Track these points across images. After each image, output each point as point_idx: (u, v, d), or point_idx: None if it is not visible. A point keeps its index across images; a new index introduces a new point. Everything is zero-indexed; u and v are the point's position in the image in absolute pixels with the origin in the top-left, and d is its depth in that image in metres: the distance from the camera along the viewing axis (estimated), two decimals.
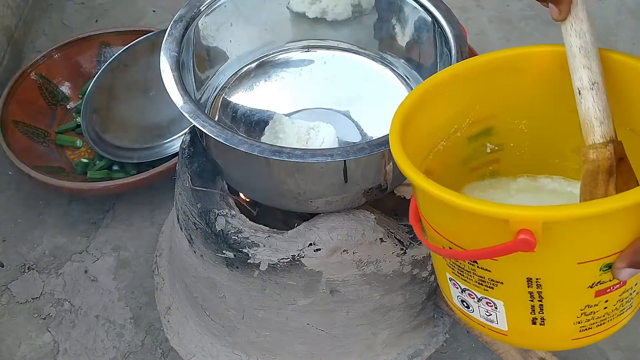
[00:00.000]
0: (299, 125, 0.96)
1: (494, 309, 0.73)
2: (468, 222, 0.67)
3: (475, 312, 0.76)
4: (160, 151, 1.44)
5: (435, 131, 0.81)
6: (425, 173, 0.70)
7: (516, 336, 0.76)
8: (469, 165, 0.87)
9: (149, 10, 1.90)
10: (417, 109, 0.77)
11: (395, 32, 1.03)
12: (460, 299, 0.77)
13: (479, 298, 0.74)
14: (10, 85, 1.47)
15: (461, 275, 0.73)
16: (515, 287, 0.69)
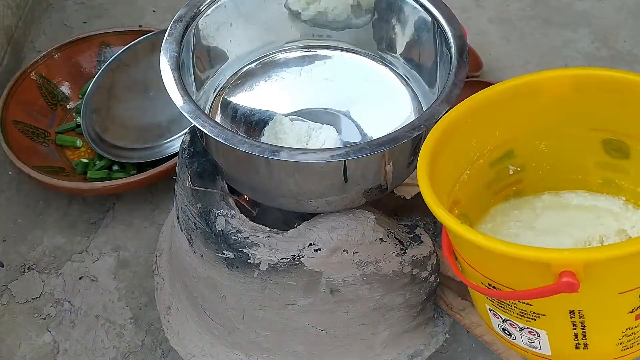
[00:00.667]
0: (299, 127, 0.96)
1: (537, 337, 0.75)
2: (509, 265, 0.68)
3: (517, 339, 0.78)
4: (160, 151, 1.44)
5: (459, 162, 0.84)
6: (453, 204, 0.76)
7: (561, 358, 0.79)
8: (492, 189, 0.89)
9: (149, 10, 1.90)
10: (441, 144, 0.79)
11: (395, 32, 1.03)
12: (502, 327, 0.79)
13: (521, 328, 0.75)
14: (10, 85, 1.47)
15: (502, 308, 0.75)
16: (558, 319, 0.72)
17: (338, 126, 0.99)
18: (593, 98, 0.80)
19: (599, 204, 0.88)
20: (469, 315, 1.06)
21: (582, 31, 1.85)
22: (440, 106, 0.83)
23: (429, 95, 0.99)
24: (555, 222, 0.87)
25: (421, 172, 0.74)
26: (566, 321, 0.72)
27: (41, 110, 1.51)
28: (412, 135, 0.81)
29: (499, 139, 0.86)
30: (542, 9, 1.93)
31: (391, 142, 0.80)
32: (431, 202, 0.71)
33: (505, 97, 0.83)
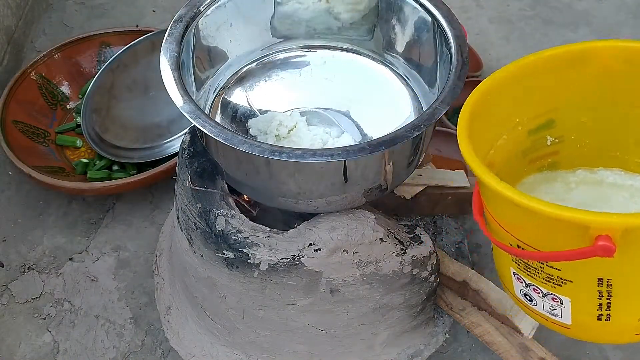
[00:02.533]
0: (315, 133, 0.97)
1: (559, 305, 0.75)
2: (545, 226, 0.67)
3: (538, 305, 0.77)
4: (160, 151, 1.44)
5: (498, 126, 0.83)
6: (487, 166, 0.72)
7: (579, 330, 0.78)
8: (528, 157, 0.89)
9: (149, 10, 1.90)
10: (482, 105, 0.78)
11: (395, 32, 1.03)
12: (524, 292, 0.78)
13: (545, 294, 0.74)
14: (10, 85, 1.47)
15: (527, 271, 0.74)
16: (585, 286, 0.71)
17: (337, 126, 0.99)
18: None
19: (635, 183, 0.85)
20: (469, 315, 1.06)
21: (582, 31, 1.85)
22: (440, 106, 0.83)
23: (429, 95, 0.99)
24: (587, 198, 0.85)
25: (461, 131, 0.74)
26: (593, 289, 0.71)
27: (41, 110, 1.51)
28: (412, 135, 0.80)
29: (540, 107, 0.85)
30: (542, 9, 1.93)
31: (391, 142, 0.80)
32: (471, 161, 0.71)
33: (553, 64, 0.81)
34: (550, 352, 1.00)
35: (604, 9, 1.92)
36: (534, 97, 0.84)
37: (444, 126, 1.51)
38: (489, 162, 0.82)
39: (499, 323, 1.03)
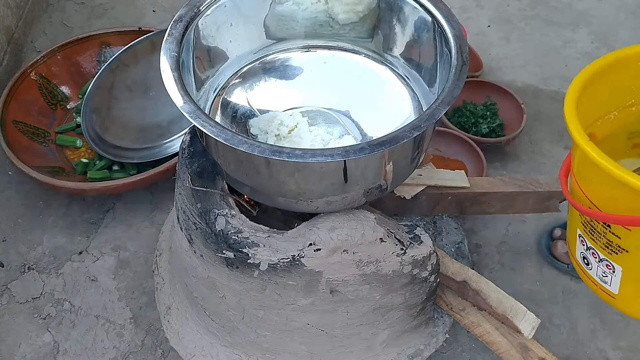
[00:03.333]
0: (316, 133, 0.97)
1: (612, 272, 0.81)
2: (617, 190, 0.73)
3: (593, 270, 0.84)
4: (160, 151, 1.44)
5: (611, 100, 0.86)
6: (589, 136, 0.77)
7: (624, 302, 0.85)
8: (633, 140, 0.91)
9: (149, 10, 1.90)
10: (599, 76, 0.81)
11: (395, 32, 1.03)
12: (583, 255, 0.85)
13: (601, 259, 0.81)
14: (10, 85, 1.47)
15: (591, 235, 0.80)
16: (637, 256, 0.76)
17: (337, 126, 0.99)
18: None
19: None
20: (469, 315, 1.06)
21: (582, 31, 1.85)
22: (440, 106, 0.83)
23: (429, 95, 0.99)
24: None
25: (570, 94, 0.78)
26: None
27: (41, 110, 1.51)
28: (412, 135, 0.80)
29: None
30: (542, 9, 1.93)
31: (391, 142, 0.80)
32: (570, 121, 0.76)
33: None
34: (550, 352, 1.00)
35: (604, 9, 1.92)
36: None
37: (444, 126, 1.51)
38: (590, 132, 0.85)
39: (499, 323, 1.04)
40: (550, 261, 1.31)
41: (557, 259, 1.30)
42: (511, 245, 1.35)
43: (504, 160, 1.53)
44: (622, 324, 1.24)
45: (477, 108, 1.55)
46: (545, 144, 1.55)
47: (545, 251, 1.32)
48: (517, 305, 1.02)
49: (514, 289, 1.27)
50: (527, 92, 1.67)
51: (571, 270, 1.29)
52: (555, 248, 1.30)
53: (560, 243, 1.30)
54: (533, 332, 1.01)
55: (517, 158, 1.53)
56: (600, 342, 1.21)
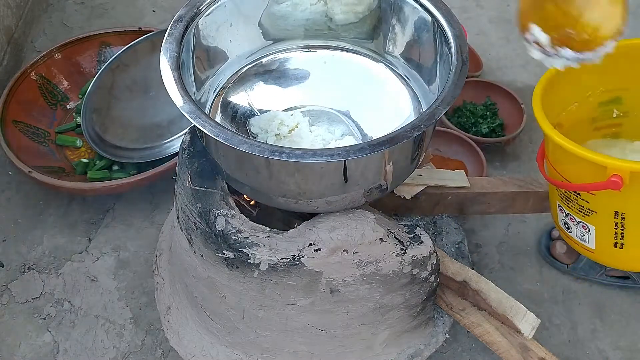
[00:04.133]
0: (317, 134, 0.97)
1: (587, 232, 0.98)
2: (579, 165, 0.90)
3: (573, 232, 1.01)
4: (160, 151, 1.44)
5: (571, 94, 1.04)
6: (557, 126, 0.96)
7: (601, 255, 1.01)
8: (594, 125, 1.09)
9: (149, 10, 1.90)
10: (560, 75, 0.97)
11: (395, 32, 1.03)
12: (564, 221, 1.03)
13: (577, 222, 0.98)
14: (10, 85, 1.47)
15: (567, 204, 0.98)
16: (605, 217, 0.93)
17: (337, 126, 0.99)
18: None
19: None
20: (469, 315, 1.06)
21: None
22: (440, 106, 0.83)
23: (429, 95, 0.99)
24: None
25: (537, 91, 0.97)
26: (610, 220, 0.93)
27: (41, 110, 1.51)
28: (412, 135, 0.80)
29: (612, 85, 1.04)
30: None
31: (391, 142, 0.80)
32: (538, 115, 0.93)
33: (628, 52, 0.98)
34: (550, 352, 1.00)
35: None
36: (607, 76, 1.02)
37: (444, 126, 1.51)
38: (558, 123, 1.01)
39: (499, 323, 1.03)
40: (550, 261, 1.31)
41: (556, 259, 1.30)
42: (511, 245, 1.35)
43: (504, 160, 1.53)
44: (622, 324, 1.24)
45: (477, 108, 1.55)
46: None
47: (544, 251, 1.32)
48: (517, 305, 1.02)
49: (514, 289, 1.27)
50: (527, 92, 1.67)
51: (571, 270, 1.29)
52: (554, 248, 1.30)
53: (559, 243, 1.30)
54: (533, 332, 1.01)
55: (517, 158, 1.53)
56: (600, 342, 1.21)
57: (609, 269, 1.26)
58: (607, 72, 1.00)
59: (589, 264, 1.27)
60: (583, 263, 1.28)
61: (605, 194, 0.89)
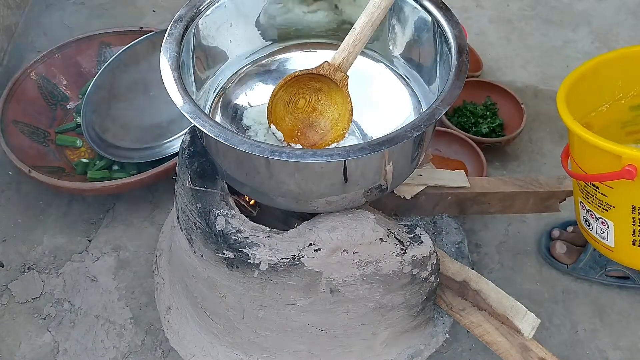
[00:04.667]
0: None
1: (606, 228, 0.98)
2: (597, 156, 0.91)
3: (593, 229, 1.01)
4: (160, 151, 1.44)
5: (601, 95, 1.04)
6: (586, 125, 0.96)
7: (620, 253, 1.00)
8: (626, 129, 1.08)
9: (149, 10, 1.90)
10: (588, 74, 0.98)
11: (395, 32, 1.03)
12: (585, 219, 1.03)
13: (597, 218, 0.98)
14: (10, 85, 1.47)
15: (587, 199, 0.98)
16: (623, 212, 0.93)
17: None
18: None
19: None
20: (469, 315, 1.06)
21: (582, 31, 1.85)
22: (440, 106, 0.83)
23: (429, 95, 0.99)
24: None
25: (564, 85, 0.97)
26: (628, 215, 0.92)
27: (41, 110, 1.51)
28: (412, 135, 0.80)
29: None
30: (542, 9, 1.93)
31: (391, 142, 0.80)
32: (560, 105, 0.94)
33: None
34: (550, 352, 1.00)
35: (604, 9, 1.92)
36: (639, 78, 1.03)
37: (444, 126, 1.51)
38: (587, 122, 1.02)
39: (499, 323, 1.04)
40: (550, 261, 1.31)
41: (556, 260, 1.30)
42: (511, 245, 1.36)
43: (504, 160, 1.53)
44: (622, 324, 1.24)
45: (477, 108, 1.55)
46: (545, 144, 1.55)
47: (544, 251, 1.32)
48: (517, 305, 1.02)
49: (514, 289, 1.27)
50: (527, 92, 1.67)
51: (571, 271, 1.29)
52: (554, 248, 1.30)
53: (558, 243, 1.30)
54: (533, 332, 1.01)
55: (517, 158, 1.53)
56: (600, 342, 1.21)
57: (609, 269, 1.26)
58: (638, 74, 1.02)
59: (588, 264, 1.27)
60: (583, 263, 1.28)
61: (622, 187, 0.89)
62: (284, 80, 0.93)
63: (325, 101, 0.94)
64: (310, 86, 0.94)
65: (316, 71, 0.92)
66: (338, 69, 0.92)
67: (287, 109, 0.94)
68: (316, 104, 0.95)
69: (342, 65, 0.92)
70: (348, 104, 0.92)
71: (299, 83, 0.94)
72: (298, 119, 0.94)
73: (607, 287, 1.28)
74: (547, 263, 1.32)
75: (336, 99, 0.93)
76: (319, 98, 0.94)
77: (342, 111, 0.93)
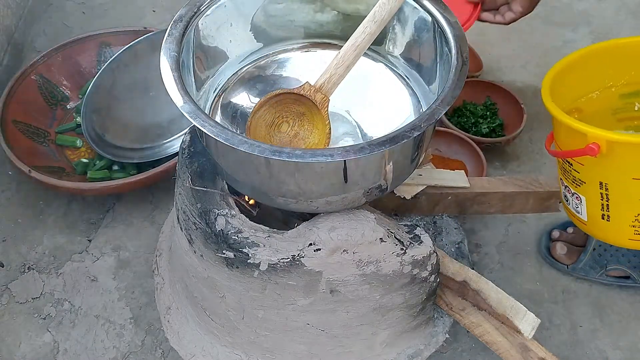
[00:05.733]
0: None
1: (580, 203, 1.02)
2: (570, 135, 0.96)
3: (570, 204, 1.05)
4: (160, 151, 1.44)
5: (591, 82, 1.07)
6: (575, 110, 1.04)
7: (592, 227, 1.04)
8: (617, 116, 1.11)
9: (149, 10, 1.90)
10: (582, 60, 1.03)
11: (395, 32, 1.03)
12: (564, 194, 1.07)
13: (572, 193, 1.03)
14: (10, 85, 1.47)
15: (565, 175, 1.04)
16: (593, 187, 0.97)
17: (338, 126, 0.99)
18: None
19: None
20: (469, 315, 1.06)
21: (582, 31, 1.85)
22: (440, 106, 0.83)
23: (429, 95, 0.99)
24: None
25: (552, 70, 1.01)
26: (597, 191, 0.97)
27: (41, 110, 1.51)
28: (412, 135, 0.80)
29: (634, 78, 1.06)
30: (542, 8, 1.92)
31: (391, 142, 0.80)
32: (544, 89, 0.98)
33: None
34: (550, 352, 1.00)
35: (604, 9, 1.92)
36: (630, 68, 1.05)
37: (444, 126, 1.51)
38: (577, 107, 1.07)
39: (499, 323, 1.04)
40: (550, 262, 1.31)
41: (556, 260, 1.30)
42: (511, 245, 1.36)
43: (504, 160, 1.53)
44: (622, 324, 1.24)
45: (477, 108, 1.55)
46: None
47: (544, 252, 1.32)
48: (517, 305, 1.02)
49: (514, 289, 1.27)
50: (527, 92, 1.67)
51: (571, 271, 1.29)
52: (554, 249, 1.30)
53: (559, 245, 1.30)
54: (533, 332, 1.01)
55: (517, 158, 1.53)
56: (600, 342, 1.21)
57: (609, 269, 1.26)
58: (630, 65, 1.05)
59: (589, 264, 1.27)
60: (583, 263, 1.28)
61: (591, 164, 0.95)
62: (265, 98, 0.93)
63: (308, 127, 0.94)
64: (294, 110, 0.94)
65: (297, 91, 0.92)
66: (319, 91, 0.92)
67: (270, 130, 0.94)
68: (299, 129, 0.95)
69: (322, 87, 0.92)
70: (326, 126, 0.92)
71: (282, 106, 0.94)
72: (280, 143, 0.94)
73: (607, 287, 1.28)
74: (547, 263, 1.32)
75: (318, 123, 0.93)
76: (302, 123, 0.94)
77: (320, 136, 0.93)
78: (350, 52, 0.93)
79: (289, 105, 0.94)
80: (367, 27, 0.93)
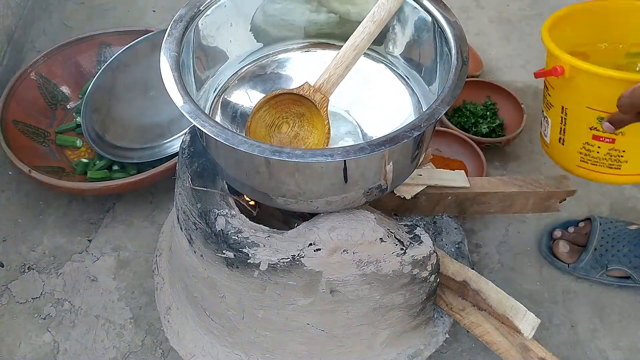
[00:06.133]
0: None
1: (547, 125, 1.07)
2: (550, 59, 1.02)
3: (543, 128, 1.10)
4: (160, 151, 1.44)
5: (601, 34, 1.12)
6: (581, 54, 1.08)
7: (552, 149, 1.09)
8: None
9: (149, 10, 1.90)
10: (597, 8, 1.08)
11: (395, 32, 1.03)
12: (540, 120, 1.11)
13: (544, 116, 1.08)
14: (10, 85, 1.47)
15: (543, 101, 1.08)
16: (556, 110, 1.03)
17: (338, 126, 0.99)
18: None
19: None
20: (469, 315, 1.06)
21: None
22: (440, 106, 0.83)
23: (429, 95, 0.99)
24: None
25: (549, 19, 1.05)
26: (559, 114, 1.03)
27: (41, 110, 1.51)
28: (412, 135, 0.80)
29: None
30: (542, 8, 1.93)
31: (391, 142, 0.80)
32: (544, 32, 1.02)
33: None
34: (550, 352, 1.00)
35: None
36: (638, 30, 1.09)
37: (444, 126, 1.51)
38: (583, 52, 1.10)
39: (499, 323, 1.04)
40: (551, 260, 1.31)
41: (558, 259, 1.30)
42: (511, 245, 1.36)
43: (504, 160, 1.53)
44: (622, 324, 1.24)
45: (477, 108, 1.55)
46: None
47: (546, 250, 1.32)
48: (517, 305, 1.02)
49: (514, 289, 1.27)
50: (527, 92, 1.67)
51: (571, 270, 1.29)
52: (557, 248, 1.30)
53: (561, 243, 1.30)
54: (533, 332, 1.01)
55: (517, 158, 1.53)
56: (600, 342, 1.21)
57: (610, 269, 1.26)
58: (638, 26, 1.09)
59: (590, 264, 1.27)
60: (584, 263, 1.28)
61: (558, 87, 1.01)
62: (265, 99, 0.93)
63: (308, 127, 0.94)
64: (294, 111, 0.94)
65: (296, 91, 0.92)
66: (318, 91, 0.92)
67: (270, 131, 0.94)
68: (299, 129, 0.95)
69: (322, 87, 0.92)
70: (325, 126, 0.92)
71: (282, 106, 0.94)
72: (280, 144, 0.94)
73: (607, 287, 1.28)
74: (547, 262, 1.32)
75: (317, 123, 0.93)
76: (302, 124, 0.94)
77: (320, 136, 0.93)
78: (349, 52, 0.93)
79: (288, 106, 0.94)
80: (367, 27, 0.93)
